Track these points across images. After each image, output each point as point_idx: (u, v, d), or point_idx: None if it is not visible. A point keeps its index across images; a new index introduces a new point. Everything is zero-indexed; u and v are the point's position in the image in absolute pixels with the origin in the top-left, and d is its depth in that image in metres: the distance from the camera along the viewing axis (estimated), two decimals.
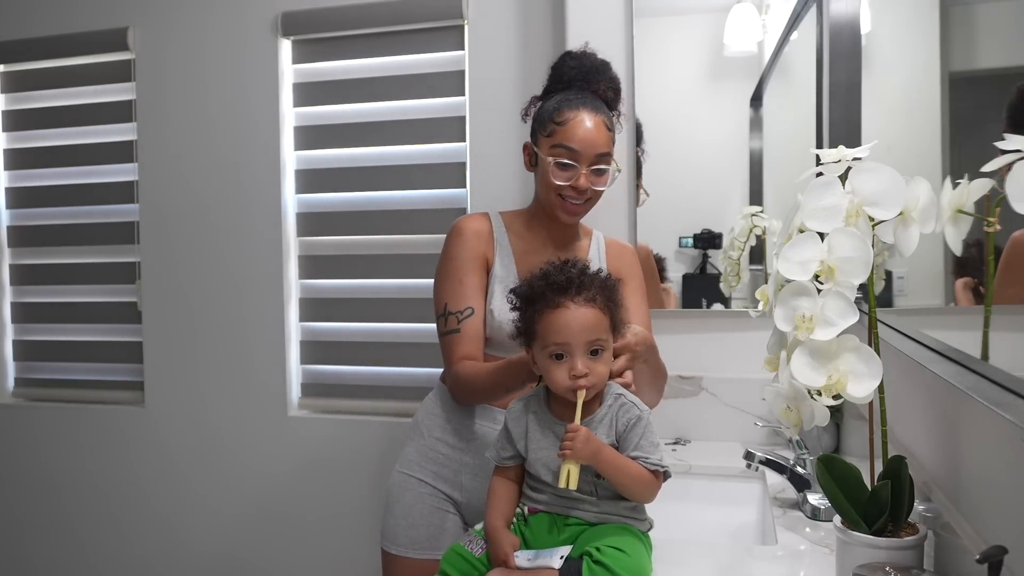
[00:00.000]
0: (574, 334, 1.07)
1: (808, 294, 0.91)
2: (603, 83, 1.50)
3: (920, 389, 1.07)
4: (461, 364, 1.41)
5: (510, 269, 1.49)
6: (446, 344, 1.44)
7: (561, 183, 1.43)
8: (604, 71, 1.52)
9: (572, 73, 1.50)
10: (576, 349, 1.07)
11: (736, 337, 1.94)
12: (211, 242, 2.45)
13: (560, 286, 1.09)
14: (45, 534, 2.66)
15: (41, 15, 2.57)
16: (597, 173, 1.44)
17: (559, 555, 1.05)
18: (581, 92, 1.47)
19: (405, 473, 1.52)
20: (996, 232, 0.81)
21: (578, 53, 1.54)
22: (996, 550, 0.69)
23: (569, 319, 1.08)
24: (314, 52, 2.36)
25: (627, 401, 1.12)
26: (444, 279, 1.48)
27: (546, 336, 1.09)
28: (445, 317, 1.45)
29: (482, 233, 1.51)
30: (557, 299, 1.08)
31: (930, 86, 1.20)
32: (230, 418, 2.45)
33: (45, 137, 2.63)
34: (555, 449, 1.10)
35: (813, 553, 1.22)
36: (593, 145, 1.42)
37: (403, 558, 1.48)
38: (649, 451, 1.08)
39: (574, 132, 1.42)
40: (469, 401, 1.46)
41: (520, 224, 1.54)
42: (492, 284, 1.48)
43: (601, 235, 1.60)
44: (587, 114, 1.43)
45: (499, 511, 1.14)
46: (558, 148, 1.42)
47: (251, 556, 2.45)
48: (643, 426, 1.10)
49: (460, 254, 1.48)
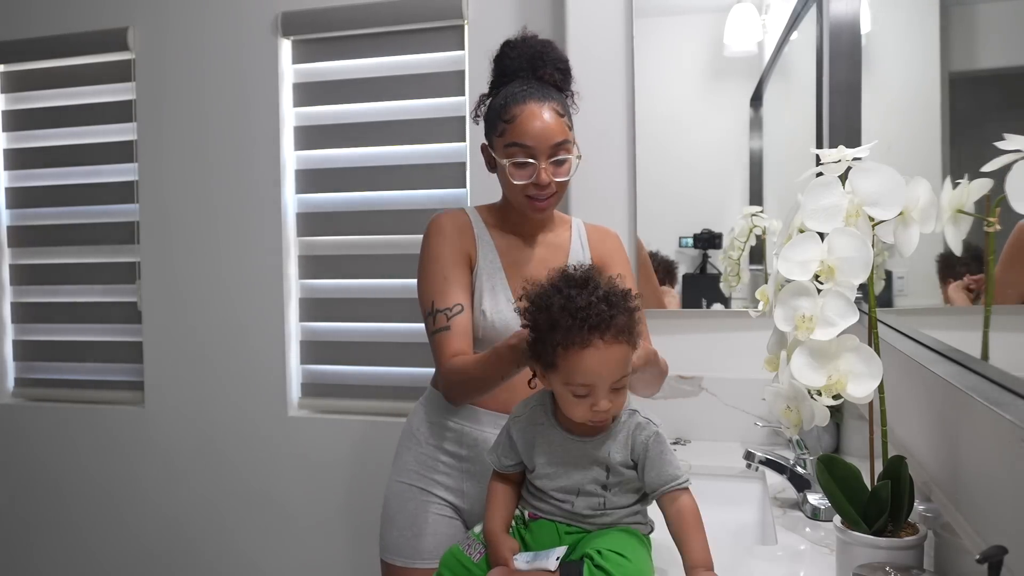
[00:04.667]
0: (603, 376, 1.01)
1: (808, 294, 0.91)
2: (549, 67, 1.42)
3: (920, 389, 1.07)
4: (451, 361, 1.35)
5: (496, 265, 1.45)
6: (436, 343, 1.38)
7: (522, 182, 1.37)
8: (549, 53, 1.44)
9: (515, 63, 1.43)
10: (602, 389, 1.02)
11: (736, 337, 1.94)
12: (211, 242, 2.45)
13: (590, 324, 0.99)
14: (45, 534, 2.66)
15: (41, 15, 2.57)
16: (557, 164, 1.37)
17: (555, 556, 1.04)
18: (526, 82, 1.39)
19: (405, 483, 1.47)
20: (996, 232, 0.81)
21: (517, 40, 1.45)
22: (996, 550, 0.69)
23: (599, 361, 1.00)
24: (314, 52, 2.36)
25: (642, 419, 1.09)
26: (429, 277, 1.43)
27: (571, 375, 1.01)
28: (434, 315, 1.39)
29: (462, 228, 1.46)
30: (585, 337, 0.99)
31: (930, 86, 1.20)
32: (230, 418, 2.44)
33: (45, 137, 2.63)
34: (564, 465, 1.08)
35: (813, 553, 1.22)
36: (547, 137, 1.35)
37: (409, 569, 1.43)
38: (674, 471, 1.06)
39: (525, 128, 1.35)
40: (464, 398, 1.40)
41: (497, 218, 1.49)
42: (479, 282, 1.43)
43: (580, 222, 1.54)
44: (535, 105, 1.35)
45: (498, 515, 1.13)
46: (512, 147, 1.36)
47: (251, 556, 2.45)
48: (661, 442, 1.07)
49: (443, 251, 1.43)
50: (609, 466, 1.07)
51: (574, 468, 1.08)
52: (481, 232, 1.46)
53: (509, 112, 1.37)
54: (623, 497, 1.09)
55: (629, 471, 1.08)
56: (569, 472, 1.08)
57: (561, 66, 1.45)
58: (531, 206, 1.40)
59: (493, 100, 1.43)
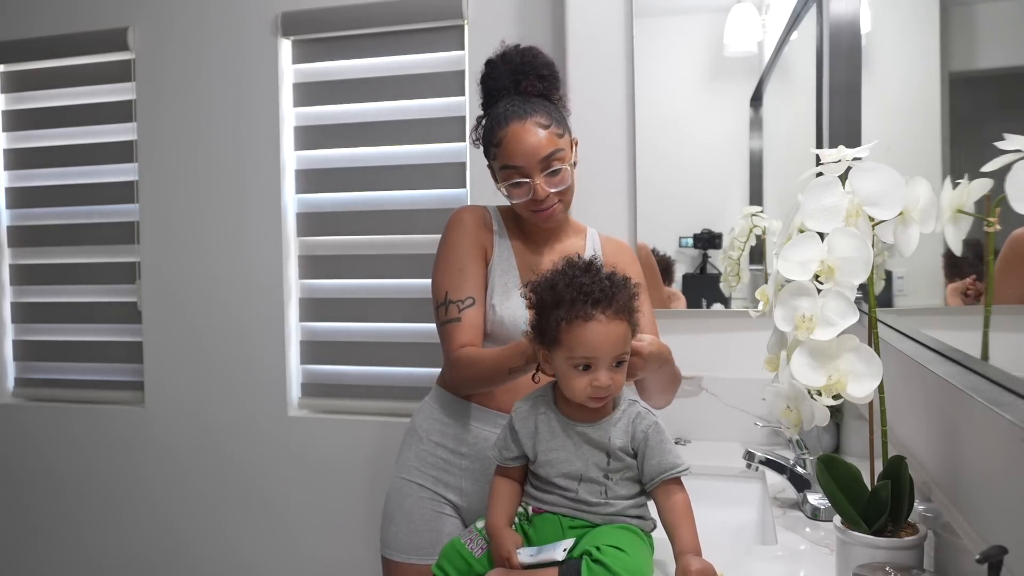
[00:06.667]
0: (604, 349, 1.05)
1: (808, 294, 0.91)
2: (531, 78, 1.43)
3: (920, 389, 1.07)
4: (461, 351, 1.37)
5: (510, 263, 1.47)
6: (446, 333, 1.40)
7: (521, 200, 1.40)
8: (530, 63, 1.44)
9: (498, 82, 1.45)
10: (603, 363, 1.06)
11: (736, 337, 1.94)
12: (211, 242, 2.45)
13: (593, 298, 1.05)
14: (46, 534, 2.66)
15: (41, 15, 2.57)
16: (552, 175, 1.39)
17: (562, 547, 1.04)
18: (510, 100, 1.41)
19: (404, 479, 1.49)
20: (996, 232, 0.81)
21: (497, 58, 1.47)
22: (996, 550, 0.69)
23: (601, 334, 1.05)
24: (314, 52, 2.36)
25: (641, 408, 1.12)
26: (445, 268, 1.45)
27: (573, 348, 1.06)
28: (446, 306, 1.41)
29: (483, 224, 1.48)
30: (588, 311, 1.05)
31: (930, 86, 1.20)
32: (230, 418, 2.44)
33: (45, 137, 2.63)
34: (566, 450, 1.10)
35: (813, 553, 1.22)
36: (534, 154, 1.37)
37: (405, 564, 1.45)
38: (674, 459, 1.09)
39: (513, 150, 1.37)
40: (470, 388, 1.41)
41: (515, 221, 1.52)
42: (491, 278, 1.45)
43: (596, 232, 1.57)
44: (517, 124, 1.37)
45: (501, 510, 1.13)
46: (506, 169, 1.40)
47: (251, 556, 2.45)
48: (660, 431, 1.10)
49: (462, 243, 1.45)
50: (610, 451, 1.09)
51: (575, 453, 1.10)
52: (500, 230, 1.50)
53: (496, 136, 1.40)
54: (625, 487, 1.10)
55: (630, 458, 1.10)
56: (571, 458, 1.10)
57: (544, 72, 1.45)
58: (539, 218, 1.43)
59: (485, 123, 1.46)
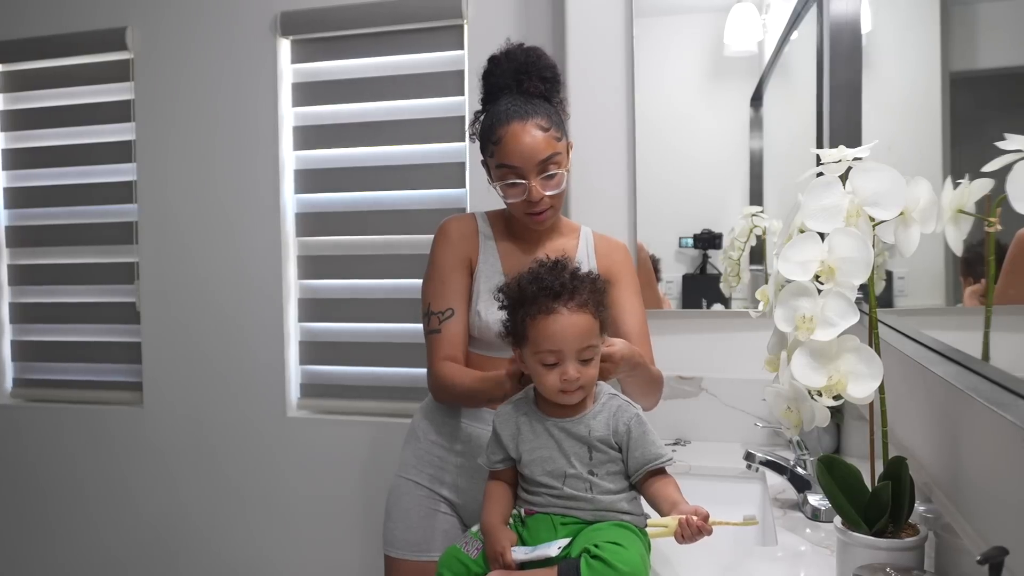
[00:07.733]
0: (568, 341, 1.08)
1: (808, 294, 0.91)
2: (533, 79, 1.44)
3: (920, 390, 1.07)
4: (442, 364, 1.42)
5: (495, 268, 1.48)
6: (429, 344, 1.47)
7: (515, 200, 1.41)
8: (534, 64, 1.44)
9: (501, 79, 1.45)
10: (568, 356, 1.08)
11: (736, 337, 1.94)
12: (210, 242, 2.44)
13: (553, 292, 1.09)
14: (44, 534, 2.65)
15: (40, 15, 2.57)
16: (548, 178, 1.39)
17: (556, 546, 1.05)
18: (512, 99, 1.41)
19: (403, 477, 1.52)
20: (997, 232, 0.81)
21: (501, 55, 1.47)
22: (997, 551, 0.69)
23: (563, 326, 1.08)
24: (313, 52, 2.36)
25: (623, 401, 1.14)
26: (428, 280, 1.50)
27: (538, 342, 1.09)
28: (428, 317, 1.47)
29: (467, 234, 1.50)
30: (550, 305, 1.08)
31: (930, 86, 1.20)
32: (229, 418, 2.44)
33: (44, 137, 2.63)
34: (548, 448, 1.12)
35: (813, 554, 1.22)
36: (532, 155, 1.37)
37: (402, 561, 1.48)
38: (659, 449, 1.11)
39: (511, 149, 1.38)
40: (447, 401, 1.48)
41: (504, 225, 1.53)
42: (477, 284, 1.47)
43: (589, 231, 1.56)
44: (518, 125, 1.38)
45: (495, 511, 1.15)
46: (502, 168, 1.40)
47: (249, 556, 2.45)
48: (643, 423, 1.12)
49: (444, 256, 1.49)
50: (591, 444, 1.11)
51: (557, 451, 1.12)
52: (486, 238, 1.51)
53: (495, 134, 1.40)
54: (611, 481, 1.11)
55: (613, 451, 1.11)
56: (553, 455, 1.12)
57: (547, 74, 1.46)
58: (532, 221, 1.44)
59: (484, 119, 1.46)
